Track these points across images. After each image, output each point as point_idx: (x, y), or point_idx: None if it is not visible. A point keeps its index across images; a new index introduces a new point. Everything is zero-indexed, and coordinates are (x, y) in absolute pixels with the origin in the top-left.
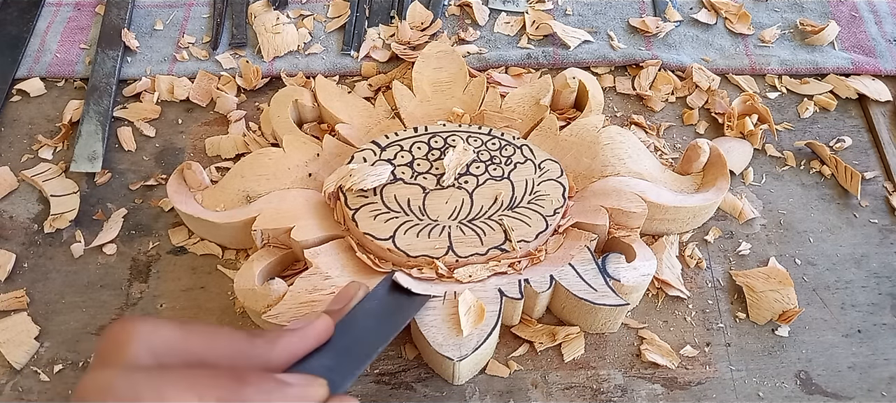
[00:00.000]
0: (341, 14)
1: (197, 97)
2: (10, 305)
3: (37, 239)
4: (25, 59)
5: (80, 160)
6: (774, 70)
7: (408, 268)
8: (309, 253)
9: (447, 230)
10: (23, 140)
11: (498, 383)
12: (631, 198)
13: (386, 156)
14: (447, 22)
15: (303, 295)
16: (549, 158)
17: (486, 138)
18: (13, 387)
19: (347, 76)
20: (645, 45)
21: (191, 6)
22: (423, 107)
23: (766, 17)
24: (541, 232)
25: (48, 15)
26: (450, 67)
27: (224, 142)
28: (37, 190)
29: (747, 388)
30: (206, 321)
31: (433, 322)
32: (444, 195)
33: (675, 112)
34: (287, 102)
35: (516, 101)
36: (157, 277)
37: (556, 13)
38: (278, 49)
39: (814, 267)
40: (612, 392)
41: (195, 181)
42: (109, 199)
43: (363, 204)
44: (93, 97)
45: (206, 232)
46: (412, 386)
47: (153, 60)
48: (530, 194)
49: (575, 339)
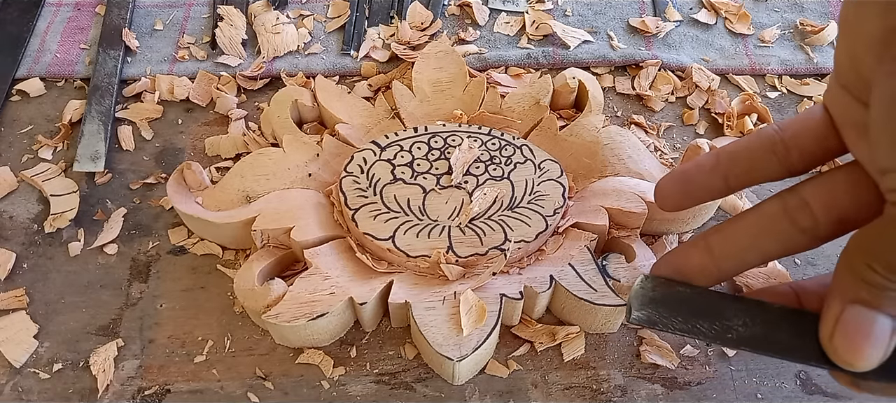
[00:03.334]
0: (341, 14)
1: (197, 97)
2: (10, 304)
3: (37, 239)
4: (25, 59)
5: (83, 160)
6: (774, 70)
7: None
8: (309, 254)
9: (447, 230)
10: (23, 140)
11: (498, 383)
12: (631, 197)
13: (386, 156)
14: (447, 22)
15: (303, 295)
16: (549, 158)
17: (486, 138)
18: (13, 387)
19: (347, 76)
20: (645, 45)
21: (191, 6)
22: (422, 107)
23: (766, 17)
24: (541, 233)
25: (48, 15)
26: (450, 67)
27: (224, 142)
28: (36, 190)
29: (747, 388)
30: (205, 321)
31: (433, 322)
32: (444, 195)
33: (675, 112)
34: (287, 102)
35: (516, 101)
36: (157, 277)
37: (555, 13)
38: (278, 49)
39: (814, 267)
40: (611, 392)
41: (195, 181)
42: (109, 199)
43: (363, 204)
44: (95, 97)
45: (206, 232)
46: (412, 386)
47: (153, 60)
48: (530, 194)
49: (575, 339)
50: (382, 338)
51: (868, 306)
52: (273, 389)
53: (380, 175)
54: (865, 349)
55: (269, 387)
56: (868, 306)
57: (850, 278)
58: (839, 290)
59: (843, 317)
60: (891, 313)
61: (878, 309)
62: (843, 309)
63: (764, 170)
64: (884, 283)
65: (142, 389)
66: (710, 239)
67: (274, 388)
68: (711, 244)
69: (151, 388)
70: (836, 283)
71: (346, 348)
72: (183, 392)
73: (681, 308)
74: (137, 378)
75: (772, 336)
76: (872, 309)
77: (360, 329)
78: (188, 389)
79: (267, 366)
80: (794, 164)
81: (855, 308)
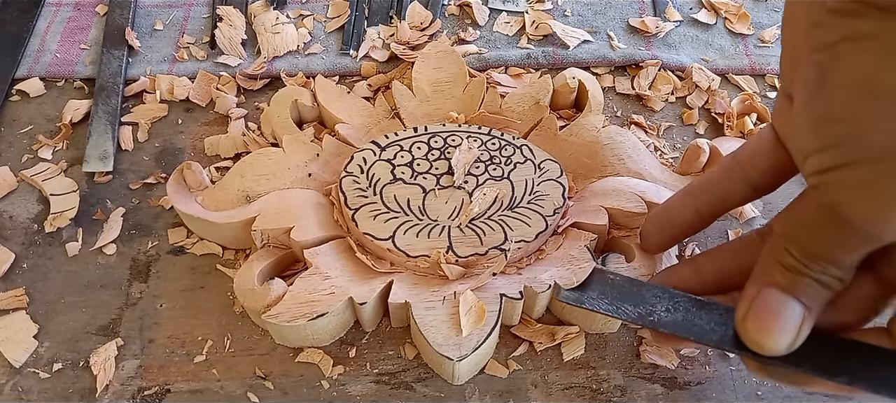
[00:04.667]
0: (341, 14)
1: (197, 97)
2: (10, 304)
3: (36, 239)
4: (25, 59)
5: (91, 160)
6: (774, 70)
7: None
8: (309, 254)
9: (447, 230)
10: (23, 140)
11: (497, 383)
12: (631, 197)
13: (386, 156)
14: (447, 22)
15: (303, 294)
16: (548, 158)
17: (486, 138)
18: (13, 387)
19: (347, 76)
20: (645, 45)
21: (190, 6)
22: (422, 107)
23: (766, 17)
24: (541, 232)
25: (48, 15)
26: (449, 67)
27: (223, 142)
28: (36, 190)
29: (747, 388)
30: (205, 321)
31: (433, 322)
32: (444, 195)
33: (674, 112)
34: (287, 102)
35: (516, 101)
36: (157, 277)
37: (555, 13)
38: (278, 49)
39: None
40: (611, 392)
41: (195, 181)
42: (109, 199)
43: (363, 204)
44: (101, 97)
45: (206, 231)
46: (412, 386)
47: (153, 60)
48: (530, 194)
49: (574, 339)
50: (382, 338)
51: (783, 290)
52: (273, 389)
53: (380, 175)
54: (774, 330)
55: (268, 387)
56: (783, 290)
57: (770, 261)
58: (758, 273)
59: (756, 299)
60: (803, 300)
61: (792, 294)
62: (759, 291)
63: (730, 195)
64: (799, 268)
65: (142, 389)
66: (698, 258)
67: (274, 388)
68: (698, 261)
69: (151, 388)
70: (758, 266)
71: (345, 348)
72: (183, 392)
73: (609, 292)
74: (137, 377)
75: (691, 320)
76: (786, 294)
77: (360, 329)
78: (188, 389)
79: (267, 366)
80: (756, 184)
81: (770, 290)
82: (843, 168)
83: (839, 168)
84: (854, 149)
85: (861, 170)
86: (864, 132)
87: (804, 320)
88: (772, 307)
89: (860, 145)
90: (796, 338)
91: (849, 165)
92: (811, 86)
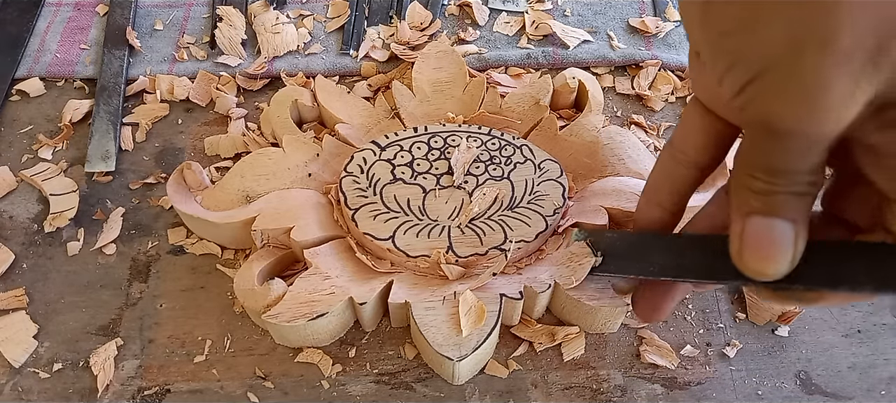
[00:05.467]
0: (341, 14)
1: (197, 97)
2: (10, 304)
3: (36, 239)
4: (25, 59)
5: (94, 160)
6: None
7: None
8: (309, 254)
9: (447, 230)
10: (22, 140)
11: (497, 383)
12: (631, 198)
13: (386, 156)
14: (446, 22)
15: (303, 294)
16: (548, 158)
17: (486, 138)
18: (13, 387)
19: (347, 76)
20: (645, 45)
21: (190, 6)
22: (422, 107)
23: None
24: (541, 232)
25: (48, 15)
26: (449, 67)
27: (223, 142)
28: (36, 190)
29: (747, 388)
30: (205, 321)
31: (433, 322)
32: (444, 195)
33: (675, 112)
34: (287, 102)
35: (516, 101)
36: (157, 277)
37: (555, 13)
38: (278, 49)
39: None
40: (611, 392)
41: (195, 181)
42: (109, 199)
43: (363, 204)
44: (102, 97)
45: (206, 232)
46: (412, 386)
47: (153, 60)
48: (530, 194)
49: (575, 339)
50: (382, 338)
51: (763, 215)
52: (273, 389)
53: (380, 175)
54: (771, 254)
55: (268, 387)
56: (763, 215)
57: (742, 193)
58: (736, 208)
59: (744, 231)
60: (786, 216)
61: (774, 216)
62: (743, 224)
63: (678, 182)
64: (769, 188)
65: (142, 389)
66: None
67: (274, 388)
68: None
69: (151, 388)
70: (733, 202)
71: (345, 348)
72: (183, 392)
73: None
74: (137, 377)
75: (687, 262)
76: (768, 217)
77: (360, 329)
78: (188, 389)
79: (267, 366)
80: (698, 162)
81: (753, 219)
82: (755, 81)
83: (751, 82)
84: (755, 54)
85: (770, 77)
86: (758, 30)
87: (797, 234)
88: (760, 233)
89: (760, 47)
90: (795, 253)
91: (758, 76)
92: (700, 13)
